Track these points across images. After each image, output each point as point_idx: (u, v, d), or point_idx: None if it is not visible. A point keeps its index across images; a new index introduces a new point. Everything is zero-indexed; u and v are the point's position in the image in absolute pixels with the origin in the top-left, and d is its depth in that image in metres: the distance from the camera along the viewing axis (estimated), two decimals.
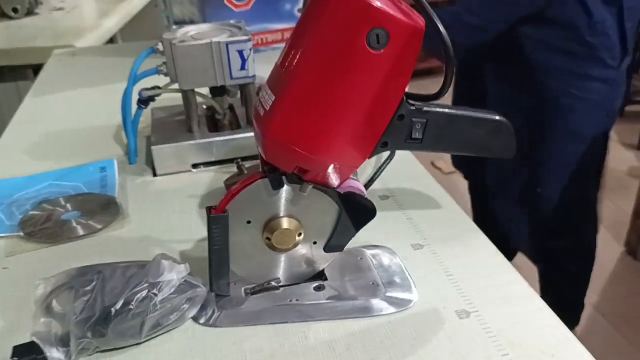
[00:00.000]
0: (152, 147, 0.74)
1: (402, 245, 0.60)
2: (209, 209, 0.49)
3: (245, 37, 0.73)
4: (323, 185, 0.49)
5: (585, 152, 1.28)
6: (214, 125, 0.81)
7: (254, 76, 0.76)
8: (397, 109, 0.49)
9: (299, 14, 0.90)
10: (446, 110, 0.51)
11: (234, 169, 0.72)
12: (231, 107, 0.82)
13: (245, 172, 0.67)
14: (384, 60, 0.44)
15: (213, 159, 0.77)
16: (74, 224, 0.65)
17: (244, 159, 0.75)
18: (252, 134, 0.76)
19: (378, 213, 0.65)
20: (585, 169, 1.32)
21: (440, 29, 0.44)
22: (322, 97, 0.44)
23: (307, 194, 0.49)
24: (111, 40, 1.68)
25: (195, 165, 0.77)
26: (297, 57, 0.44)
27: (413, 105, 0.50)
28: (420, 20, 0.44)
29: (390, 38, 0.43)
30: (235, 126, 0.80)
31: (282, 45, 0.72)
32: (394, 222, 0.64)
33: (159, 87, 0.77)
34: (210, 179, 0.75)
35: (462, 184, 1.79)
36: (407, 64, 0.46)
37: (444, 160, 2.55)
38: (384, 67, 0.44)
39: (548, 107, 1.24)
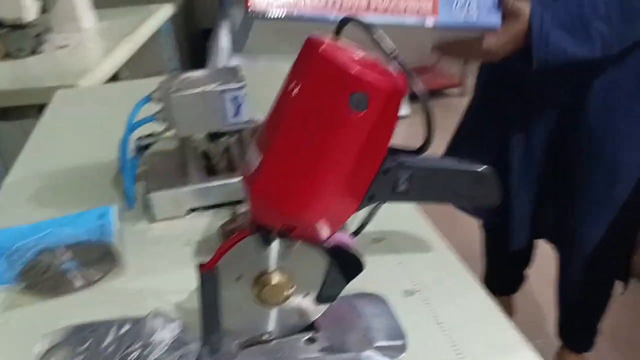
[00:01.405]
0: (150, 195, 0.76)
1: (394, 292, 0.60)
2: (199, 266, 0.50)
3: (238, 85, 0.75)
4: (311, 240, 0.50)
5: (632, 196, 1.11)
6: (210, 168, 0.82)
7: (248, 121, 0.77)
8: (383, 164, 0.50)
9: None
10: (430, 163, 0.52)
11: (229, 212, 0.73)
12: (227, 149, 0.83)
13: (240, 218, 0.69)
14: (365, 122, 0.45)
15: (209, 203, 0.78)
16: (73, 275, 0.66)
17: (239, 202, 0.76)
18: None
19: (371, 258, 0.66)
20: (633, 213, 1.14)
21: (420, 91, 0.45)
22: (307, 158, 0.45)
23: (296, 249, 0.50)
24: (116, 75, 1.71)
25: (192, 210, 0.78)
26: (282, 119, 0.46)
27: (398, 159, 0.51)
28: (400, 79, 0.46)
29: (371, 101, 0.44)
30: (231, 169, 0.82)
31: (368, 17, 0.65)
32: (386, 267, 0.65)
33: (155, 134, 0.78)
34: (207, 223, 0.76)
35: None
36: (390, 121, 0.47)
37: None
38: (366, 127, 0.45)
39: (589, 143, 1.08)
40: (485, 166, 0.54)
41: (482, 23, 0.75)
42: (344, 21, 0.49)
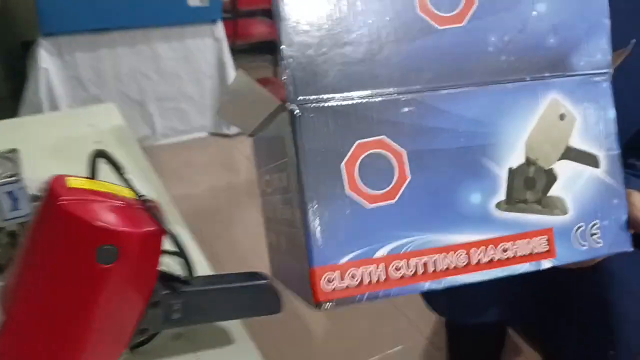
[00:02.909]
0: None
1: None
2: None
3: (13, 178, 0.68)
4: None
5: None
6: None
7: (29, 213, 0.71)
8: (151, 297, 0.48)
9: (496, 212, 0.55)
10: (202, 287, 0.51)
11: None
12: (10, 243, 0.76)
13: None
14: (119, 271, 0.42)
15: None
16: None
17: None
18: None
19: None
20: None
21: (171, 232, 0.43)
22: (56, 318, 0.42)
23: None
24: None
25: None
26: (24, 277, 0.42)
27: (168, 288, 0.49)
28: (153, 224, 0.44)
29: (122, 251, 0.42)
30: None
31: (469, 276, 0.53)
32: None
33: None
34: None
35: None
36: (150, 261, 0.45)
37: None
38: (122, 276, 0.43)
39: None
40: (264, 279, 0.54)
41: (609, 251, 0.60)
42: (97, 156, 0.46)
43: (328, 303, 0.49)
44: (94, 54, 2.81)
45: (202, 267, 0.76)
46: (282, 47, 0.49)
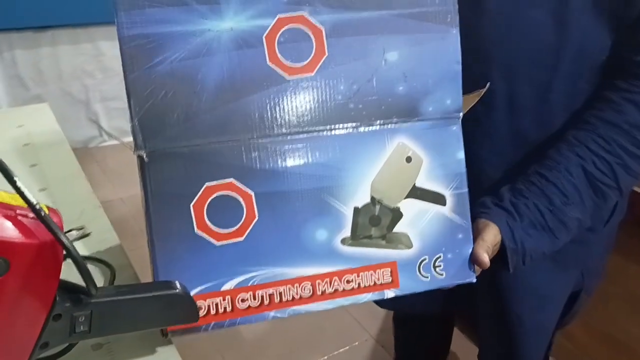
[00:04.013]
0: None
1: None
2: None
3: None
4: None
5: None
6: None
7: None
8: (51, 311, 0.46)
9: (341, 247, 0.59)
10: (108, 298, 0.49)
11: None
12: None
13: None
14: (10, 284, 0.40)
15: None
16: None
17: None
18: None
19: None
20: None
21: (65, 243, 0.42)
22: None
23: None
24: None
25: None
26: None
27: (71, 301, 0.47)
28: (48, 234, 0.42)
29: (13, 263, 0.40)
30: None
31: (313, 305, 0.58)
32: None
33: None
34: None
35: None
36: (48, 274, 0.43)
37: None
38: (13, 289, 0.41)
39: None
40: (179, 288, 0.52)
41: (451, 283, 0.64)
42: None
43: (174, 332, 0.55)
44: (35, 52, 2.72)
45: (129, 275, 0.74)
46: (130, 97, 0.51)
